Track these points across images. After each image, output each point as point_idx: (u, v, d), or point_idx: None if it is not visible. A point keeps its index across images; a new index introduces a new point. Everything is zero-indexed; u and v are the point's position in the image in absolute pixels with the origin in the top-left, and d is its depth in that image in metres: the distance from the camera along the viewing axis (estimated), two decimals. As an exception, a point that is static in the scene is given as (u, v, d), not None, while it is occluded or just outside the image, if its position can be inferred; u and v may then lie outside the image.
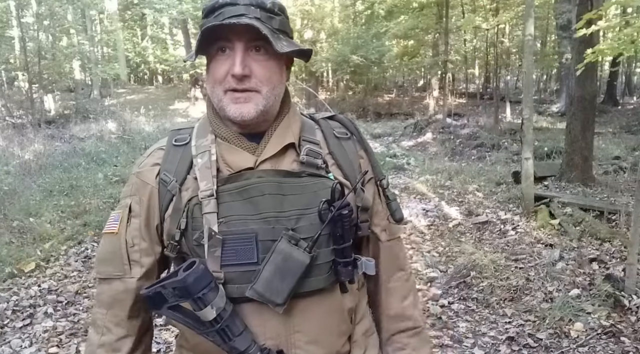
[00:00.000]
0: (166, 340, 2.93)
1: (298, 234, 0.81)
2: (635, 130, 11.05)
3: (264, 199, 0.82)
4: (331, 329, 0.89)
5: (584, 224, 4.38)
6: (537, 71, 19.78)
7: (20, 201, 5.48)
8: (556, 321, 2.91)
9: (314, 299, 0.85)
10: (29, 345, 2.84)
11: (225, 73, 0.83)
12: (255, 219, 0.82)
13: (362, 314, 0.98)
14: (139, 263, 0.89)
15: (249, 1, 0.82)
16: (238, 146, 0.87)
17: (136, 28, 26.37)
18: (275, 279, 0.79)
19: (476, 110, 15.44)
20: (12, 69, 15.99)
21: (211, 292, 0.77)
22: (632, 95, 20.15)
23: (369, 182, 0.95)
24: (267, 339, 0.84)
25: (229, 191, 0.83)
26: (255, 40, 0.82)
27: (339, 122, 0.97)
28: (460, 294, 3.44)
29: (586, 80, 5.79)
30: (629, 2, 3.94)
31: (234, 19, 0.79)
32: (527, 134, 5.11)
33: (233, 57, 0.82)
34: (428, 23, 15.96)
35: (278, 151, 0.87)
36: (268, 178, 0.84)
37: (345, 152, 0.93)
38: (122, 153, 8.83)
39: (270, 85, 0.84)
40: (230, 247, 0.81)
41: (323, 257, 0.83)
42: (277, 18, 0.85)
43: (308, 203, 0.83)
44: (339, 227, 0.82)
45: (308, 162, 0.87)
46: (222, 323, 0.78)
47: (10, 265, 3.82)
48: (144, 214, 0.89)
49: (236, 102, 0.83)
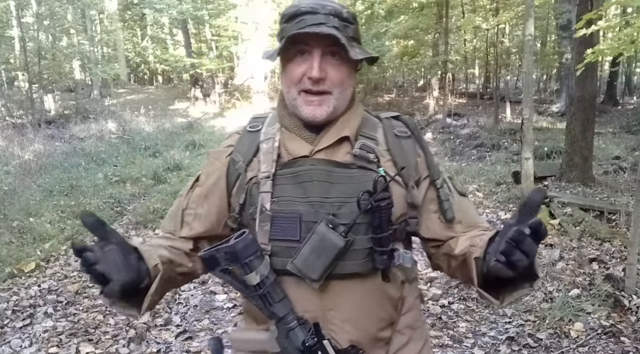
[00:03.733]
0: (166, 340, 2.94)
1: (338, 220, 0.88)
2: (635, 130, 11.05)
3: (313, 184, 0.91)
4: (368, 313, 0.94)
5: (584, 224, 4.38)
6: (537, 71, 19.78)
7: (20, 201, 5.48)
8: (556, 321, 2.91)
9: (352, 282, 0.92)
10: (29, 345, 2.84)
11: (301, 75, 0.91)
12: (302, 201, 0.91)
13: (410, 307, 1.02)
14: (189, 225, 1.01)
15: (328, 10, 0.90)
16: (298, 135, 0.97)
17: (136, 28, 26.37)
18: (312, 257, 0.87)
19: (476, 110, 15.44)
20: (12, 69, 16.00)
21: (257, 260, 0.86)
22: (632, 95, 20.15)
23: (424, 181, 0.99)
24: (304, 312, 0.92)
25: (284, 174, 0.93)
26: (332, 46, 0.89)
27: (401, 121, 1.03)
28: (460, 294, 3.44)
29: (586, 81, 5.79)
30: (629, 2, 3.94)
31: (316, 28, 0.87)
32: (527, 134, 5.11)
33: (311, 61, 0.90)
34: (428, 23, 15.93)
35: (333, 142, 0.94)
36: (319, 166, 0.92)
37: (403, 150, 0.98)
38: (122, 153, 8.83)
39: (341, 88, 0.93)
40: (278, 224, 0.91)
41: (360, 244, 0.90)
42: (351, 26, 0.93)
43: (352, 192, 0.90)
44: (377, 218, 0.88)
45: (360, 156, 0.94)
46: (264, 289, 0.87)
47: (10, 265, 3.82)
48: (207, 186, 1.01)
49: (310, 105, 0.92)
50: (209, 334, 3.02)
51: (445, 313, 3.20)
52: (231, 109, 17.28)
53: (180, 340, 2.95)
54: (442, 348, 2.81)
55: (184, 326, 3.12)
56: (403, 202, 0.95)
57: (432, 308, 3.25)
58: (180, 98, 19.17)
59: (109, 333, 2.98)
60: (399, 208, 0.94)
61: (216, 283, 3.79)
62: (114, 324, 3.09)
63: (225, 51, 21.37)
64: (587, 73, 5.35)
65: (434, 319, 3.13)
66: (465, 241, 0.95)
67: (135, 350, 2.83)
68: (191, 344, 2.90)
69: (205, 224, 1.01)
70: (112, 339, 2.92)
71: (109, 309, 3.32)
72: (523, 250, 0.71)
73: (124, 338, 2.90)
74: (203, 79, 20.21)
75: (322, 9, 0.90)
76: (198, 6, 18.21)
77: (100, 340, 2.90)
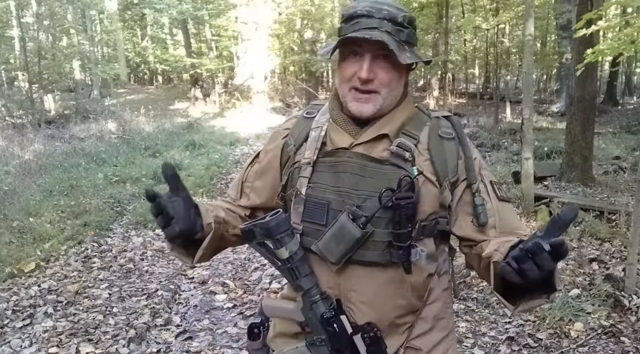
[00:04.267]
0: (166, 340, 2.94)
1: (360, 211, 0.95)
2: (635, 130, 11.04)
3: (345, 176, 0.99)
4: (386, 299, 1.00)
5: (584, 224, 4.38)
6: (537, 71, 19.77)
7: (20, 201, 5.47)
8: (556, 321, 2.91)
9: (373, 270, 0.99)
10: (29, 345, 2.84)
11: (352, 73, 0.98)
12: (333, 190, 0.99)
13: (436, 298, 1.07)
14: (247, 196, 1.14)
15: (384, 15, 0.94)
16: (343, 128, 1.03)
17: (136, 28, 26.35)
18: (332, 242, 0.96)
19: (476, 110, 15.43)
20: (12, 69, 15.98)
21: (287, 237, 0.95)
22: (632, 95, 20.15)
23: (462, 183, 1.02)
24: (327, 289, 1.00)
25: (323, 163, 1.01)
26: (382, 50, 0.94)
27: (451, 122, 1.06)
28: (460, 294, 3.44)
29: (586, 81, 5.79)
30: (629, 2, 3.94)
31: (367, 33, 0.92)
32: (527, 134, 5.11)
33: (362, 62, 0.96)
34: (428, 23, 15.93)
35: (372, 138, 1.00)
36: (355, 159, 0.99)
37: (443, 151, 1.01)
38: (122, 153, 8.82)
39: (389, 88, 0.99)
40: (309, 207, 1.00)
41: (379, 237, 0.96)
42: (405, 31, 0.97)
43: (379, 187, 0.95)
44: (397, 215, 0.93)
45: (396, 153, 0.98)
46: (293, 263, 0.97)
47: (10, 265, 3.82)
48: (264, 163, 1.12)
49: (358, 101, 0.99)
50: (209, 334, 3.02)
51: (445, 313, 3.20)
52: (231, 109, 17.27)
53: (180, 340, 2.95)
54: (442, 348, 2.81)
55: (184, 326, 3.12)
56: (435, 201, 0.99)
57: (432, 308, 3.25)
58: (180, 98, 19.16)
59: (109, 333, 2.98)
60: (430, 206, 0.99)
61: (216, 283, 3.80)
62: (114, 324, 3.09)
63: (225, 51, 21.37)
64: (587, 73, 5.35)
65: (434, 319, 3.13)
66: (494, 244, 0.96)
67: (135, 350, 2.83)
68: (191, 344, 2.90)
69: (260, 197, 1.12)
70: (112, 339, 2.92)
71: (107, 310, 3.32)
72: (537, 263, 0.72)
73: (124, 338, 2.90)
74: (203, 79, 20.21)
75: (378, 13, 0.94)
76: (198, 6, 18.22)
77: (100, 340, 2.90)
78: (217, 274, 3.99)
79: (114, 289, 3.64)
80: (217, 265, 4.17)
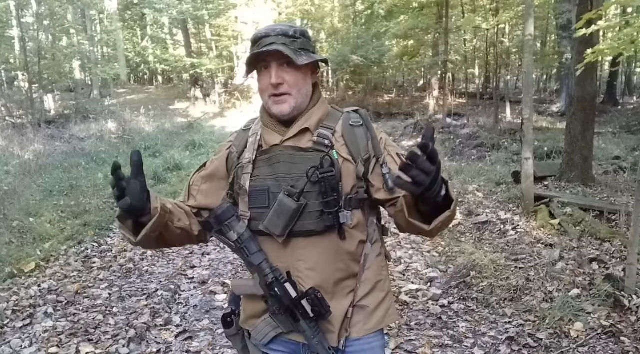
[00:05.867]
0: (166, 340, 2.94)
1: (295, 189, 1.15)
2: (635, 130, 11.04)
3: (280, 165, 1.20)
4: (327, 264, 1.20)
5: (584, 224, 4.38)
6: (537, 71, 19.78)
7: (20, 201, 5.48)
8: (556, 321, 2.91)
9: (313, 240, 1.19)
10: (29, 345, 2.84)
11: (267, 83, 1.19)
12: (271, 178, 1.20)
13: (372, 263, 1.26)
14: (194, 198, 1.31)
15: (277, 32, 1.18)
16: (273, 129, 1.25)
17: (136, 28, 26.35)
18: (274, 218, 1.15)
19: (476, 110, 15.43)
20: (12, 69, 16.00)
21: (234, 222, 1.18)
22: (632, 95, 20.14)
23: (373, 159, 1.23)
24: (279, 263, 1.19)
25: (262, 159, 1.22)
26: (283, 58, 1.16)
27: (359, 114, 1.29)
28: (460, 294, 3.44)
29: (586, 81, 5.79)
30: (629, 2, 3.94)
31: (267, 48, 1.15)
32: (527, 134, 5.11)
33: (270, 72, 1.18)
34: (428, 23, 15.92)
35: (297, 133, 1.22)
36: (285, 151, 1.20)
37: (355, 136, 1.24)
38: (122, 153, 8.82)
39: (297, 88, 1.20)
40: (254, 196, 1.21)
41: (312, 207, 1.16)
42: (298, 40, 1.19)
43: (307, 169, 1.15)
44: (324, 186, 1.14)
45: (318, 142, 1.21)
46: (242, 244, 1.18)
47: (10, 265, 3.82)
48: (210, 170, 1.31)
49: (276, 103, 1.20)
50: (209, 335, 3.02)
51: (445, 313, 3.20)
52: (231, 109, 17.28)
53: (180, 340, 2.95)
54: (442, 348, 2.81)
55: (184, 326, 3.12)
56: (353, 175, 1.20)
57: (432, 308, 3.25)
58: (180, 98, 19.17)
59: (109, 333, 2.98)
60: (351, 180, 1.20)
61: (216, 283, 3.80)
62: (114, 324, 3.09)
63: (225, 51, 21.37)
64: (587, 73, 5.35)
65: (434, 319, 3.13)
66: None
67: (135, 350, 2.83)
68: (191, 344, 2.90)
69: (207, 198, 1.30)
70: (112, 339, 2.92)
71: (107, 310, 3.32)
72: (419, 167, 0.86)
73: (124, 338, 2.90)
74: (203, 79, 20.22)
75: (273, 32, 1.18)
76: (198, 6, 18.21)
77: (100, 340, 2.90)
78: (217, 274, 3.99)
79: (114, 289, 3.64)
80: (217, 265, 4.17)
